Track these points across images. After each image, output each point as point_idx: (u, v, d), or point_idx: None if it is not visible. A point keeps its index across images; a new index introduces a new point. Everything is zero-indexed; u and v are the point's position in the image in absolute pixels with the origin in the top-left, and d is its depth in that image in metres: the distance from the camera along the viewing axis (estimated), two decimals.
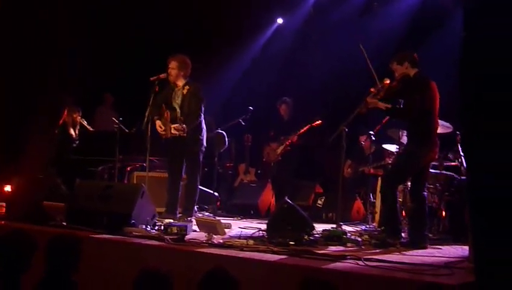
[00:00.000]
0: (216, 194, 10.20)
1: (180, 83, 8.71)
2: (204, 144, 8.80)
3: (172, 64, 8.66)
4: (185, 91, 8.68)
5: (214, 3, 12.24)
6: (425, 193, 7.31)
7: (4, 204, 8.53)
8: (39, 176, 9.27)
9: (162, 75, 8.61)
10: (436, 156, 7.42)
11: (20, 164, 11.49)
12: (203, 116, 8.75)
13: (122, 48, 13.05)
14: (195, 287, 4.03)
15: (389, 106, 7.29)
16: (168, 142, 8.75)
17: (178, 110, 8.69)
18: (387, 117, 8.29)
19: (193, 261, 5.98)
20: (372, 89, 7.38)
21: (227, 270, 4.14)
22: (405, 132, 7.76)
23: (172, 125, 8.54)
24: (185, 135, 8.50)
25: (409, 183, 7.71)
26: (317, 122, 10.53)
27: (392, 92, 7.29)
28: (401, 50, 7.67)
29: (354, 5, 11.92)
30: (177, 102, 8.72)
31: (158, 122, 8.62)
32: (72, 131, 10.80)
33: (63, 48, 12.44)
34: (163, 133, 8.59)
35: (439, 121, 7.39)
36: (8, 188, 9.34)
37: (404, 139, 7.84)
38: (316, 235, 7.04)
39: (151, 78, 8.57)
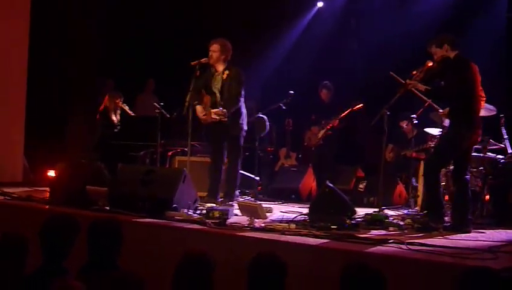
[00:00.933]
0: (257, 178, 10.20)
1: (220, 67, 8.65)
2: (245, 128, 8.78)
3: (214, 47, 8.59)
4: (224, 76, 8.63)
5: None
6: (468, 177, 7.23)
7: (48, 189, 8.63)
8: (82, 161, 9.35)
9: (203, 60, 8.54)
10: (479, 139, 7.33)
11: (64, 150, 11.62)
12: (243, 100, 8.72)
13: (164, 33, 13.10)
14: (245, 270, 4.05)
15: (428, 87, 7.25)
16: (208, 128, 8.76)
17: (218, 95, 8.66)
18: (429, 100, 8.20)
19: (235, 245, 6.00)
20: (414, 72, 7.35)
21: (276, 255, 4.15)
22: None
23: (213, 110, 8.52)
24: (225, 119, 8.49)
25: (452, 167, 7.63)
26: (358, 105, 10.48)
27: (431, 73, 7.26)
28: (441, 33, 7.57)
29: None
30: (217, 87, 8.67)
31: (199, 108, 8.59)
32: (113, 116, 10.86)
33: (104, 34, 12.55)
34: (204, 118, 8.58)
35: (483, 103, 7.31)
36: (51, 173, 9.42)
37: (447, 123, 7.75)
38: (358, 219, 7.02)
39: (192, 63, 8.53)
